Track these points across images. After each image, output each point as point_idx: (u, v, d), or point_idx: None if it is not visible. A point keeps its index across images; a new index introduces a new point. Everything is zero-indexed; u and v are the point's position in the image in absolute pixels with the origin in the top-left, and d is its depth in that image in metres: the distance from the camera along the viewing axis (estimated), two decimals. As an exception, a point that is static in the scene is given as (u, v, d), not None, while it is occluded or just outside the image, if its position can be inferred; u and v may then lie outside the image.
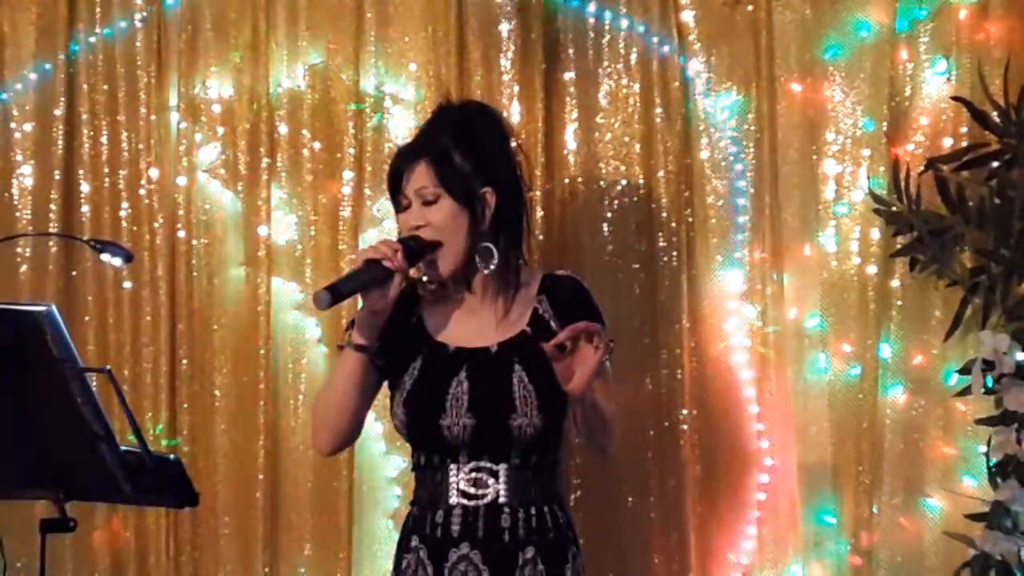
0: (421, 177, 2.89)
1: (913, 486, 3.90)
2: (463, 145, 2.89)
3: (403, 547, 2.94)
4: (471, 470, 2.87)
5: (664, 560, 3.95)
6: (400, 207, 2.94)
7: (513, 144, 3.00)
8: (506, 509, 2.86)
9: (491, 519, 2.86)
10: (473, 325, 2.93)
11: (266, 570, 4.03)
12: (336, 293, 2.74)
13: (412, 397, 2.89)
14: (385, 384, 2.99)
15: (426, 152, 2.90)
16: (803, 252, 4.00)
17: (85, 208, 4.15)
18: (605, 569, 3.97)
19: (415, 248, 2.86)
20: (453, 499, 2.87)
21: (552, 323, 2.90)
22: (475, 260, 2.89)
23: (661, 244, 4.00)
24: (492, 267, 2.89)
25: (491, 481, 2.86)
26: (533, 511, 2.88)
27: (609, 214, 4.02)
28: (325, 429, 2.96)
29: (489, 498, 2.86)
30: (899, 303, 3.93)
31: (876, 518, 3.89)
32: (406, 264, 2.83)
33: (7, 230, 4.08)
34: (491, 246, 2.88)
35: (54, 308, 2.61)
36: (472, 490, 2.87)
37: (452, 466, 2.88)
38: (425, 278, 2.93)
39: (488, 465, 2.87)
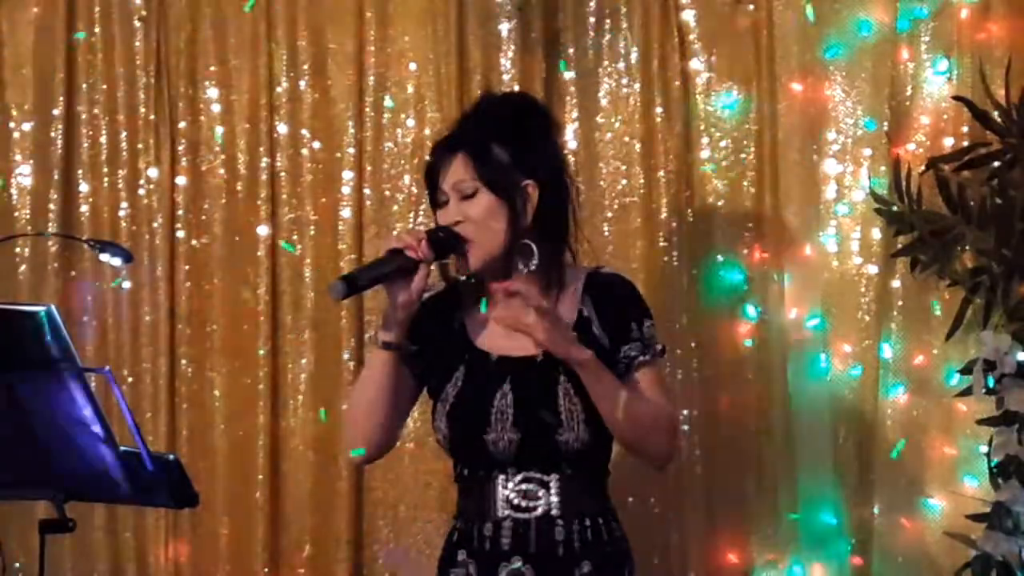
0: (458, 170, 2.73)
1: (914, 486, 3.90)
2: (502, 136, 2.74)
3: (449, 562, 2.79)
4: (521, 481, 2.73)
5: (664, 560, 3.95)
6: (438, 204, 2.78)
7: (558, 136, 2.88)
8: (560, 521, 2.73)
9: (544, 532, 2.72)
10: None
11: (266, 570, 4.03)
12: (352, 283, 2.61)
13: (455, 410, 2.74)
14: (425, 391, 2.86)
15: (463, 144, 2.75)
16: (803, 252, 3.99)
17: (84, 208, 4.14)
18: (605, 569, 3.96)
19: (443, 239, 2.71)
20: (502, 512, 2.73)
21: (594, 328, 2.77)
22: (515, 259, 2.73)
23: (661, 244, 4.00)
24: (532, 266, 2.72)
25: (542, 493, 2.73)
26: (588, 523, 2.75)
27: (609, 214, 4.02)
28: (358, 435, 2.80)
29: (541, 510, 2.72)
30: (900, 303, 3.93)
31: (877, 518, 3.89)
32: (431, 254, 2.67)
33: (6, 230, 4.08)
34: (531, 243, 2.72)
35: (53, 308, 2.61)
36: (523, 502, 2.73)
37: (500, 477, 2.74)
38: (462, 276, 2.78)
39: (539, 476, 2.73)
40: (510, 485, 2.74)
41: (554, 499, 2.73)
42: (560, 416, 2.70)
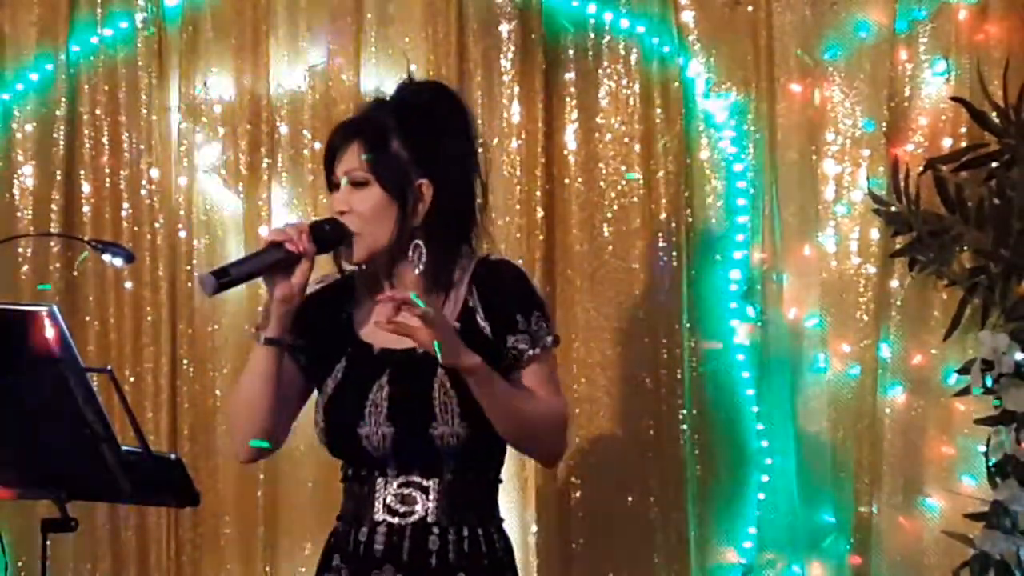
0: (352, 158, 2.58)
1: (912, 486, 3.91)
2: (404, 129, 2.59)
3: (324, 566, 2.70)
4: (400, 485, 2.59)
5: (664, 560, 3.96)
6: (331, 186, 2.63)
7: (470, 132, 2.68)
8: (435, 530, 2.57)
9: (418, 540, 2.57)
10: None
11: (267, 570, 4.04)
12: (223, 277, 2.46)
13: (331, 403, 2.62)
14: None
15: (362, 132, 2.60)
16: (803, 252, 4.00)
17: (86, 208, 4.15)
18: (605, 569, 3.97)
19: (328, 232, 2.56)
20: (379, 515, 2.59)
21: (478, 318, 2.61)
22: (404, 255, 2.59)
23: (661, 244, 4.01)
24: (420, 268, 2.59)
25: (420, 498, 2.58)
26: (466, 533, 2.59)
27: (609, 214, 4.03)
28: (240, 434, 2.66)
29: (417, 516, 2.58)
30: (898, 303, 3.93)
31: (876, 518, 3.90)
32: (313, 248, 2.53)
33: (8, 230, 4.09)
34: (421, 245, 2.58)
35: (55, 308, 2.61)
36: (399, 507, 2.59)
37: (380, 479, 2.59)
38: (352, 267, 2.64)
39: (418, 480, 2.58)
40: (389, 489, 2.60)
41: (431, 505, 2.59)
42: (434, 410, 2.55)
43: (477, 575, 2.59)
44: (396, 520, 2.59)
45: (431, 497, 2.59)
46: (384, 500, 2.60)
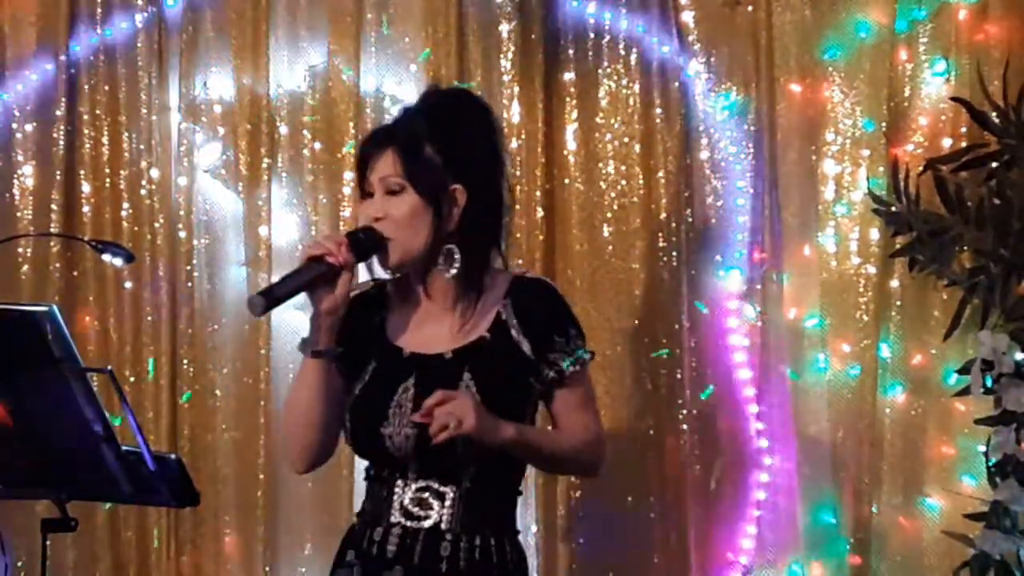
0: (387, 165, 2.62)
1: (912, 486, 3.91)
2: (436, 135, 2.63)
3: (338, 561, 2.70)
4: (418, 489, 2.62)
5: (664, 560, 3.96)
6: (363, 194, 2.67)
7: (498, 139, 2.73)
8: (448, 536, 2.60)
9: (430, 545, 2.59)
10: (433, 329, 2.67)
11: (266, 570, 4.04)
12: (270, 297, 2.50)
13: (357, 402, 2.66)
14: None
15: (395, 139, 2.64)
16: (803, 252, 4.00)
17: (86, 208, 4.15)
18: (605, 569, 3.97)
19: (364, 241, 2.60)
20: (394, 517, 2.62)
21: (512, 332, 2.66)
22: (438, 261, 2.64)
23: (661, 244, 4.01)
24: (453, 272, 2.63)
25: (436, 504, 2.61)
26: (478, 542, 2.61)
27: (609, 214, 4.03)
28: (295, 445, 2.70)
29: (431, 522, 2.60)
30: (898, 303, 3.93)
31: (876, 518, 3.90)
32: (352, 258, 2.58)
33: (8, 230, 4.09)
34: (455, 249, 2.63)
35: (55, 308, 2.62)
36: (415, 510, 2.62)
37: (399, 481, 2.63)
38: (387, 275, 2.69)
39: (436, 486, 2.61)
40: (408, 492, 2.63)
41: (446, 512, 2.61)
42: None
43: None
44: (411, 523, 2.61)
45: (447, 504, 2.62)
46: (401, 503, 2.63)
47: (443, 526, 2.60)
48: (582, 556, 4.00)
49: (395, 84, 4.10)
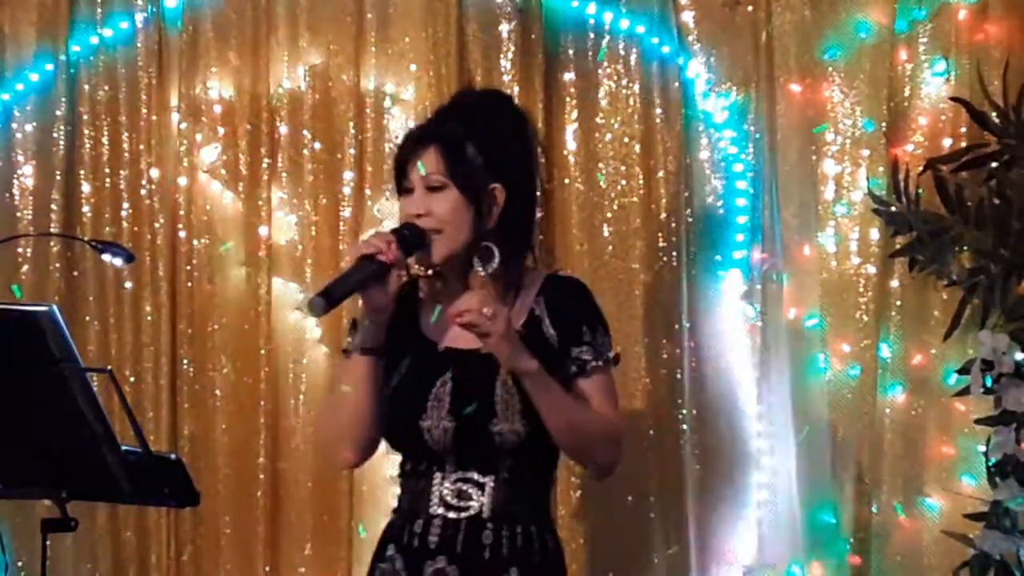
0: (429, 163, 2.70)
1: (912, 486, 3.91)
2: (477, 135, 2.71)
3: (379, 556, 2.77)
4: (456, 480, 2.69)
5: (664, 560, 3.96)
6: (403, 191, 2.76)
7: (532, 140, 2.83)
8: (489, 525, 2.67)
9: (472, 535, 2.67)
10: None
11: (266, 570, 4.04)
12: (330, 298, 2.57)
13: (394, 396, 2.73)
14: None
15: (438, 138, 2.72)
16: (803, 252, 4.00)
17: (86, 208, 4.15)
18: (605, 569, 3.97)
19: (409, 238, 2.67)
20: (434, 509, 2.69)
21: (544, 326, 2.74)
22: (475, 258, 2.71)
23: (661, 244, 4.01)
24: (491, 269, 2.70)
25: (476, 494, 2.68)
26: (519, 530, 2.69)
27: (609, 214, 4.03)
28: (342, 442, 2.78)
29: (472, 512, 2.68)
30: (898, 303, 3.94)
31: (876, 518, 3.90)
32: (402, 256, 2.65)
33: (8, 230, 4.09)
34: (492, 247, 2.70)
35: (55, 308, 2.62)
36: (455, 502, 2.69)
37: (437, 474, 2.70)
38: (421, 268, 2.77)
39: (475, 477, 2.69)
40: (446, 483, 2.70)
41: (487, 502, 2.68)
42: (495, 407, 2.66)
43: (529, 571, 2.69)
44: (451, 514, 2.68)
45: (487, 493, 2.68)
46: (440, 494, 2.70)
47: (484, 515, 2.67)
48: (582, 556, 3.99)
49: (395, 84, 4.10)
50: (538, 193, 2.83)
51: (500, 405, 2.66)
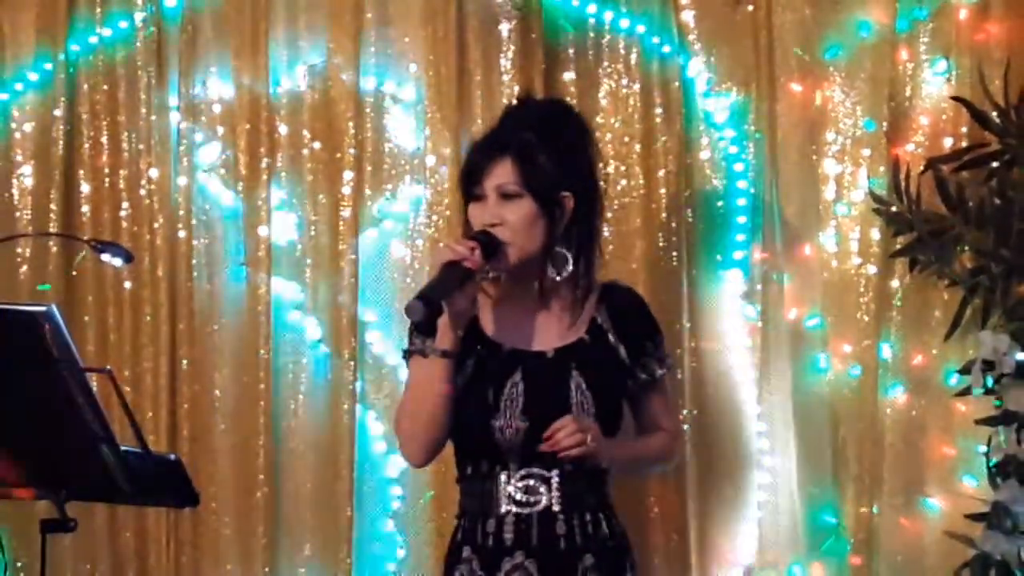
0: (504, 173, 2.83)
1: (913, 486, 3.91)
2: (548, 145, 2.84)
3: (455, 558, 2.87)
4: (522, 477, 2.81)
5: (664, 560, 3.95)
6: (473, 198, 2.87)
7: (596, 148, 2.98)
8: (560, 516, 2.81)
9: (546, 527, 2.80)
10: (531, 328, 2.88)
11: (266, 570, 4.03)
12: (428, 302, 2.67)
13: (464, 397, 2.82)
14: None
15: (512, 148, 2.83)
16: (803, 252, 4.00)
17: (85, 208, 4.14)
18: (605, 569, 3.97)
19: (489, 244, 2.79)
20: (504, 507, 2.81)
21: (609, 336, 2.89)
22: (546, 265, 2.84)
23: (661, 244, 4.01)
24: (566, 274, 2.84)
25: (543, 488, 2.80)
26: (588, 517, 2.84)
27: (609, 214, 4.02)
28: (415, 442, 2.88)
29: (542, 505, 2.81)
30: (899, 303, 3.93)
31: (876, 518, 3.90)
32: (485, 262, 2.77)
33: (7, 230, 4.08)
34: (567, 253, 2.84)
35: (54, 308, 2.61)
36: (524, 497, 2.80)
37: (502, 474, 2.82)
38: (490, 273, 2.87)
39: (540, 472, 2.81)
40: (512, 482, 2.80)
41: (555, 495, 2.79)
42: (571, 408, 2.78)
43: (602, 556, 2.82)
44: (522, 510, 2.79)
45: (553, 487, 2.80)
46: (508, 493, 2.81)
47: (554, 507, 2.80)
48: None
49: (395, 84, 4.10)
50: (603, 199, 2.96)
51: (576, 407, 2.79)
